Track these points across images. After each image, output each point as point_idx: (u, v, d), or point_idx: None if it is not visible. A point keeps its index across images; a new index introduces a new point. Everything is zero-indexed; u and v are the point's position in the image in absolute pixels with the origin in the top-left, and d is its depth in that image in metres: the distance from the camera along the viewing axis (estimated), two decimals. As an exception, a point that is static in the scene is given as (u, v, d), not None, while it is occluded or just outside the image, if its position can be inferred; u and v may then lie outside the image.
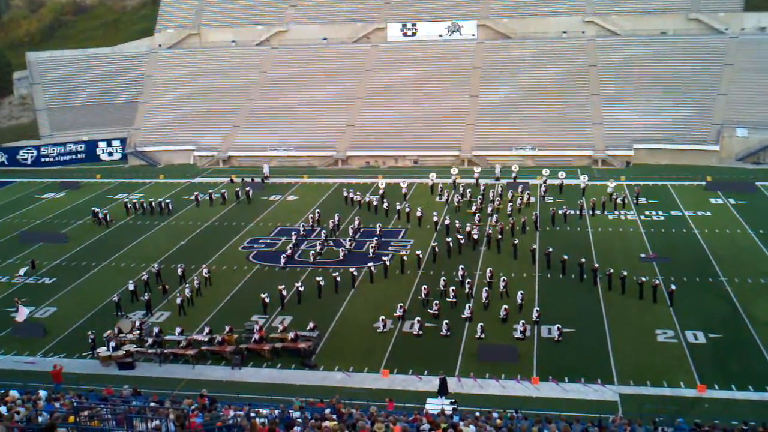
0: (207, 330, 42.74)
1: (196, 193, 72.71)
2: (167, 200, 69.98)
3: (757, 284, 47.39)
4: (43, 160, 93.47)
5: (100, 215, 66.86)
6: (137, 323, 44.34)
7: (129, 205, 69.91)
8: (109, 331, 42.77)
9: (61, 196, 78.26)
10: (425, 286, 46.86)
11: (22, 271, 55.28)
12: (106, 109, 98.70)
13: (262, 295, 46.25)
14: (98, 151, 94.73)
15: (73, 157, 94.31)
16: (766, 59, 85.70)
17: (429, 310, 44.38)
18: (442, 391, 35.43)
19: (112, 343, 41.35)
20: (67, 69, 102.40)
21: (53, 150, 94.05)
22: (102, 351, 41.15)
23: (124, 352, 40.90)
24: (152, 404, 26.17)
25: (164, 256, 57.30)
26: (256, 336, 41.27)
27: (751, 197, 66.24)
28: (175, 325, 43.82)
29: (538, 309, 43.34)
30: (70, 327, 45.91)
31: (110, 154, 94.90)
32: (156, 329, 42.63)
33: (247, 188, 72.85)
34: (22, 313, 46.63)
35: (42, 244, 61.44)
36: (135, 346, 41.76)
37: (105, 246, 60.58)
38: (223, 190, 73.26)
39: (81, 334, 43.87)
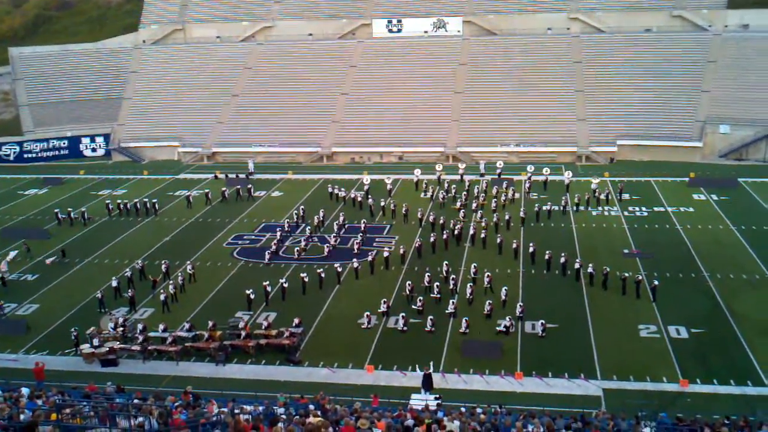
0: (187, 326, 42.58)
1: (188, 194, 71.59)
2: (153, 200, 68.83)
3: (739, 279, 47.79)
4: (25, 156, 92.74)
5: (73, 215, 65.56)
6: (120, 320, 44.09)
7: (111, 206, 67.80)
8: (92, 328, 42.56)
9: (43, 193, 77.75)
10: (409, 282, 46.93)
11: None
12: (90, 105, 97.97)
13: (247, 292, 46.17)
14: (81, 147, 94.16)
15: (56, 153, 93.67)
16: (749, 56, 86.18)
17: (413, 306, 44.44)
18: (427, 386, 35.48)
19: (95, 340, 41.16)
20: (50, 65, 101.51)
21: (36, 146, 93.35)
22: (85, 348, 40.95)
23: (107, 348, 40.72)
24: (135, 401, 26.06)
25: (148, 253, 57.03)
26: (243, 332, 41.15)
27: (733, 193, 66.72)
28: (158, 321, 43.64)
29: (521, 304, 43.50)
30: (53, 324, 45.66)
31: (94, 150, 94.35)
32: (140, 326, 42.44)
33: (249, 186, 72.67)
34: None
35: (24, 240, 61.00)
36: (118, 342, 41.57)
37: (88, 242, 60.21)
38: (224, 188, 72.19)
39: (64, 331, 43.62)
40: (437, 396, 34.30)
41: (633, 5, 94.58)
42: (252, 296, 45.92)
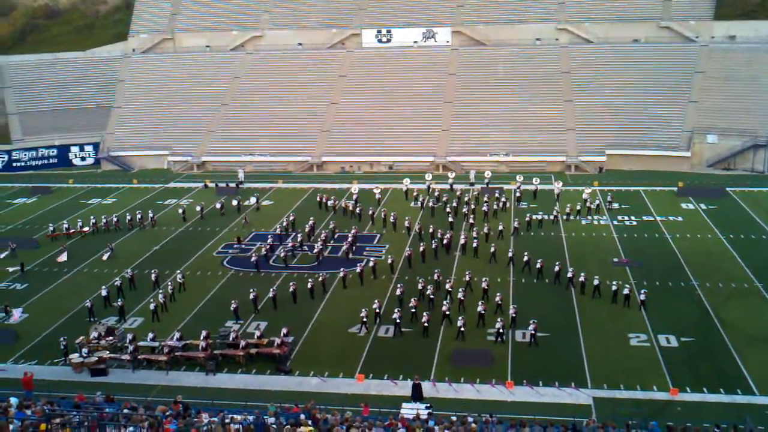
0: (177, 335, 42.39)
1: (181, 210, 68.77)
2: (149, 212, 67.33)
3: (728, 288, 48.05)
4: (14, 164, 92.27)
5: (65, 227, 64.72)
6: (106, 329, 43.77)
7: (96, 221, 65.54)
8: (81, 337, 42.33)
9: (32, 201, 77.40)
10: (401, 285, 47.13)
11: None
12: (79, 114, 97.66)
13: (235, 301, 45.99)
14: (71, 155, 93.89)
15: (45, 161, 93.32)
16: (736, 67, 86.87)
17: (410, 305, 44.21)
18: (417, 396, 35.46)
19: (85, 350, 40.94)
20: (39, 73, 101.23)
21: (25, 155, 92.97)
22: (74, 357, 40.71)
23: (96, 358, 40.51)
24: (125, 411, 25.96)
25: (138, 262, 56.82)
26: (243, 342, 40.87)
27: (721, 203, 67.13)
28: (148, 330, 43.42)
29: (514, 306, 43.54)
30: (42, 333, 45.39)
31: (83, 159, 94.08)
32: (129, 335, 42.24)
33: (257, 194, 72.47)
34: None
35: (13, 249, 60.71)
36: (108, 352, 41.35)
37: (77, 251, 59.87)
38: (222, 199, 71.22)
39: (53, 341, 43.36)
40: (428, 405, 34.29)
41: (621, 16, 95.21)
42: (234, 305, 45.64)
